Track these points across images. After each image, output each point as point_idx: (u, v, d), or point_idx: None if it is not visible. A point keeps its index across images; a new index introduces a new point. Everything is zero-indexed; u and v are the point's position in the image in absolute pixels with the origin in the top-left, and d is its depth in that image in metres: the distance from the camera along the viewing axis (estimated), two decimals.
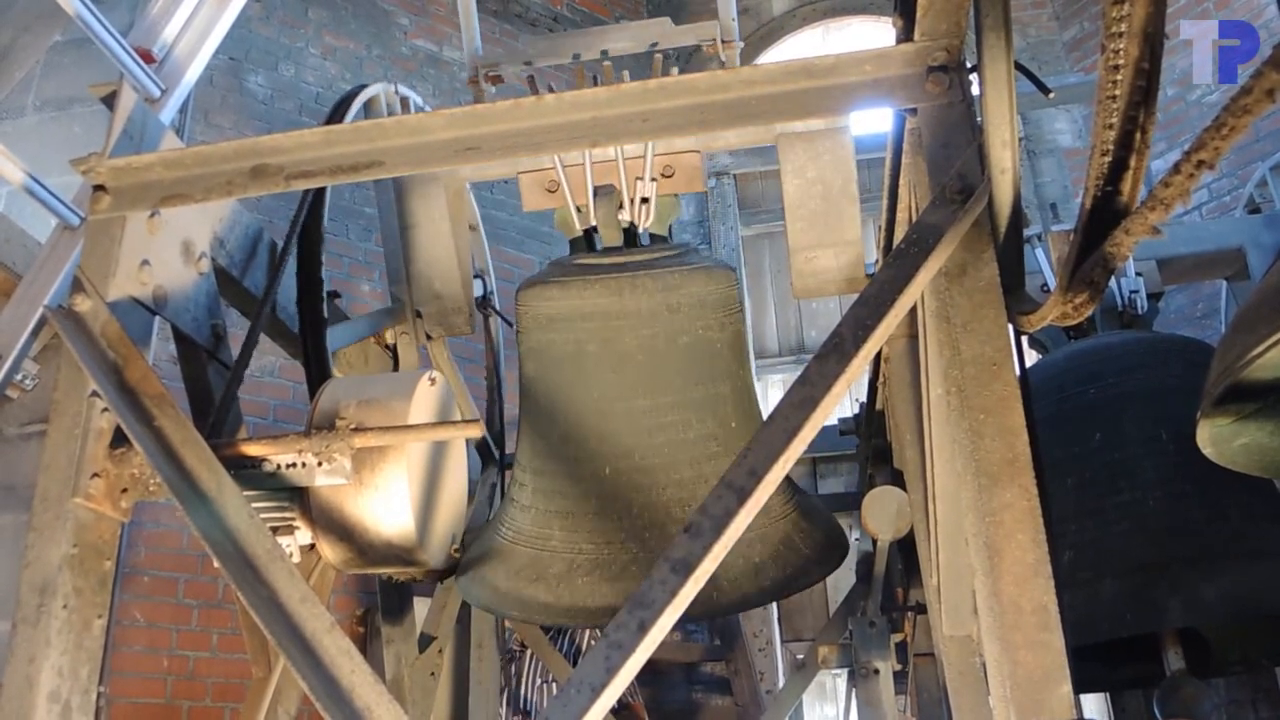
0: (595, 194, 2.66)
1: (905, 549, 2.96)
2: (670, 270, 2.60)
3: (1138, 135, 1.21)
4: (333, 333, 2.72)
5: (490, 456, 3.64)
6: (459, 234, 3.03)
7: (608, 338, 2.59)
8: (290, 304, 2.71)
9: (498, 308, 3.85)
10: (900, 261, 1.59)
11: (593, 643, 4.53)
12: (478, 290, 3.43)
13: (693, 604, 1.47)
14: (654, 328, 2.58)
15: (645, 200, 2.67)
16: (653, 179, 2.67)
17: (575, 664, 4.32)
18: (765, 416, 1.64)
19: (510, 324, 2.87)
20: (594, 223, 2.73)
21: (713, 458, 2.60)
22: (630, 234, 2.74)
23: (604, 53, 2.81)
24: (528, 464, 2.73)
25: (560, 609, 2.59)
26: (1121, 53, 1.14)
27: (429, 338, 3.14)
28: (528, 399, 2.71)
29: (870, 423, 3.22)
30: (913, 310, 2.01)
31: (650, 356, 2.59)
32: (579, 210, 2.73)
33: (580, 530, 2.64)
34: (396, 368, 3.13)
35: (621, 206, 2.68)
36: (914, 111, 1.78)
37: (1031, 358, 4.00)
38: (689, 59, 6.19)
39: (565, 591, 2.58)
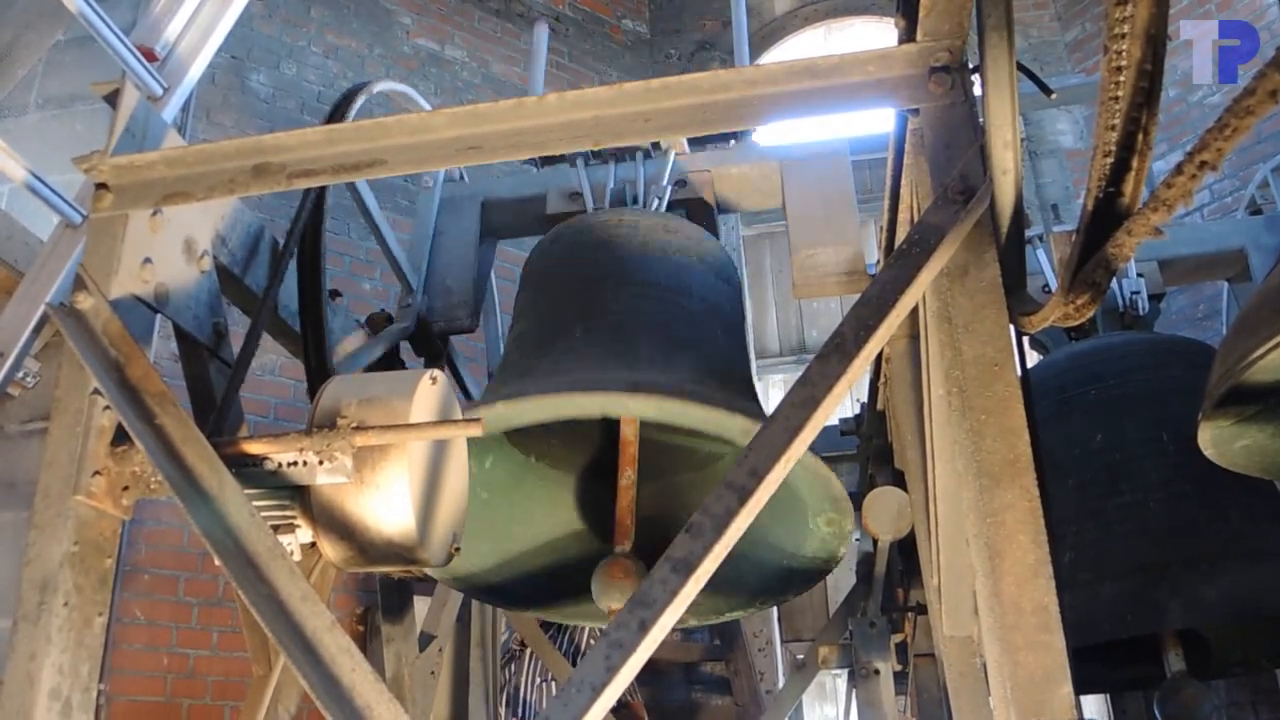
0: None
1: (906, 549, 2.96)
2: (673, 216, 2.72)
3: (1140, 136, 1.21)
4: (354, 359, 2.77)
5: None
6: (483, 245, 3.22)
7: (604, 242, 2.62)
8: (292, 302, 2.72)
9: (498, 307, 3.90)
10: (902, 262, 1.59)
11: (592, 642, 4.53)
12: None
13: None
14: (649, 237, 2.62)
15: (659, 198, 2.75)
16: (668, 184, 2.80)
17: (574, 663, 4.32)
18: (766, 417, 1.65)
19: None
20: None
21: (693, 332, 2.54)
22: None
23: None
24: (504, 360, 2.72)
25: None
26: (1124, 54, 1.14)
27: (430, 326, 3.15)
28: (518, 311, 2.73)
29: (871, 423, 3.23)
30: (914, 310, 2.01)
31: (644, 258, 2.60)
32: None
33: (543, 364, 2.58)
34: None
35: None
36: (916, 112, 1.78)
37: (1032, 359, 4.00)
38: (692, 57, 6.19)
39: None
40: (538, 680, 4.50)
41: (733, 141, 3.21)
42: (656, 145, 3.10)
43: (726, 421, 2.19)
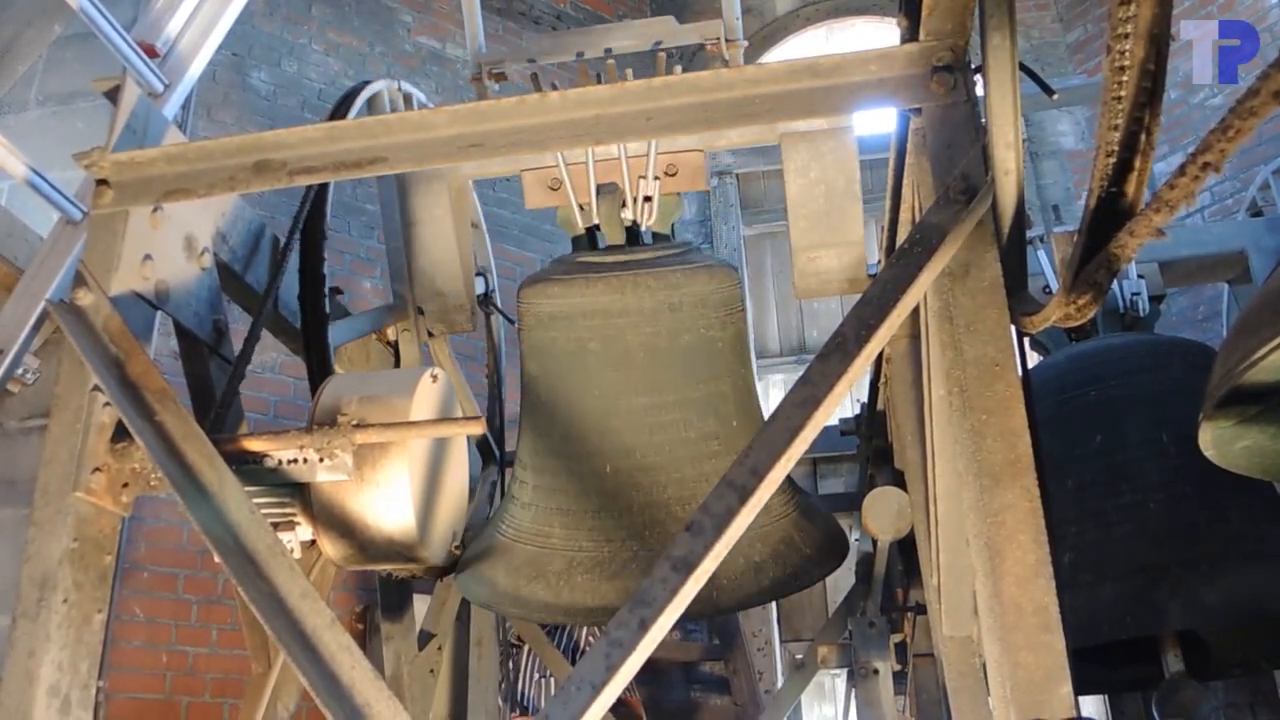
0: (598, 192, 2.66)
1: (905, 549, 2.96)
2: (672, 269, 2.60)
3: (1143, 136, 1.21)
4: (335, 329, 2.72)
5: (490, 455, 3.64)
6: (461, 231, 3.04)
7: (609, 335, 2.59)
8: (292, 300, 2.71)
9: (499, 306, 3.85)
10: (903, 261, 1.59)
11: (591, 640, 4.53)
12: (479, 288, 3.42)
13: (693, 602, 1.47)
14: (656, 326, 2.58)
15: (648, 199, 2.67)
16: (655, 177, 2.66)
17: (573, 661, 4.32)
18: (766, 416, 1.64)
19: (512, 322, 2.87)
20: (596, 221, 2.73)
21: (713, 456, 2.60)
22: (632, 232, 2.74)
23: (608, 51, 2.81)
24: (529, 461, 2.73)
25: (559, 607, 2.58)
26: (1127, 54, 1.14)
27: (430, 335, 3.14)
28: (529, 396, 2.71)
29: (871, 423, 3.22)
30: (915, 310, 2.01)
31: (651, 355, 2.59)
32: (581, 208, 2.72)
33: (580, 528, 2.64)
34: (398, 364, 3.13)
35: (624, 205, 2.68)
36: (918, 111, 1.78)
37: (1033, 359, 4.00)
38: (692, 58, 6.19)
39: (565, 589, 2.58)
40: (536, 676, 4.50)
41: None
42: None
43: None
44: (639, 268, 2.61)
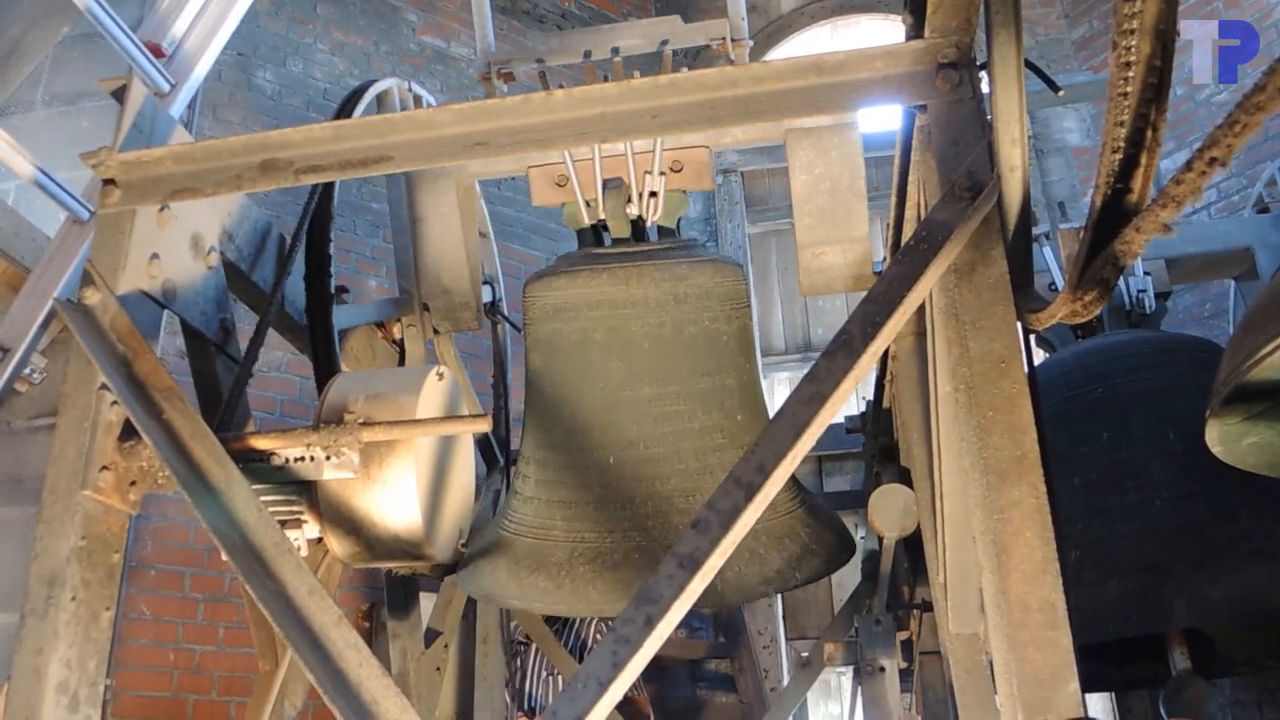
0: (604, 188, 2.66)
1: (911, 547, 2.95)
2: (678, 262, 2.61)
3: (1149, 132, 1.21)
4: (339, 314, 2.74)
5: (494, 460, 3.64)
6: (468, 229, 3.04)
7: (614, 326, 2.60)
8: (298, 299, 2.72)
9: (505, 313, 3.85)
10: (909, 258, 1.59)
11: (598, 637, 4.53)
12: (486, 296, 3.43)
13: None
14: (660, 317, 2.59)
15: (654, 194, 2.67)
16: (661, 173, 2.66)
17: (580, 658, 4.32)
18: (772, 413, 1.64)
19: (517, 328, 2.88)
20: (602, 217, 2.73)
21: (718, 449, 2.60)
22: (638, 228, 2.75)
23: (614, 50, 2.81)
24: (532, 455, 2.73)
25: (561, 596, 2.57)
26: (1133, 49, 1.14)
27: (436, 332, 3.14)
28: (533, 390, 2.71)
29: (877, 420, 3.22)
30: (921, 307, 2.01)
31: (656, 345, 2.59)
32: (588, 205, 2.73)
33: (583, 519, 2.63)
34: (403, 363, 3.13)
35: (630, 201, 2.68)
36: (924, 108, 1.78)
37: (1039, 357, 3.99)
38: (697, 56, 6.19)
39: (566, 580, 2.57)
40: (543, 674, 4.50)
41: None
42: None
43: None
44: (644, 259, 2.62)
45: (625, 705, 4.39)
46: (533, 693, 4.51)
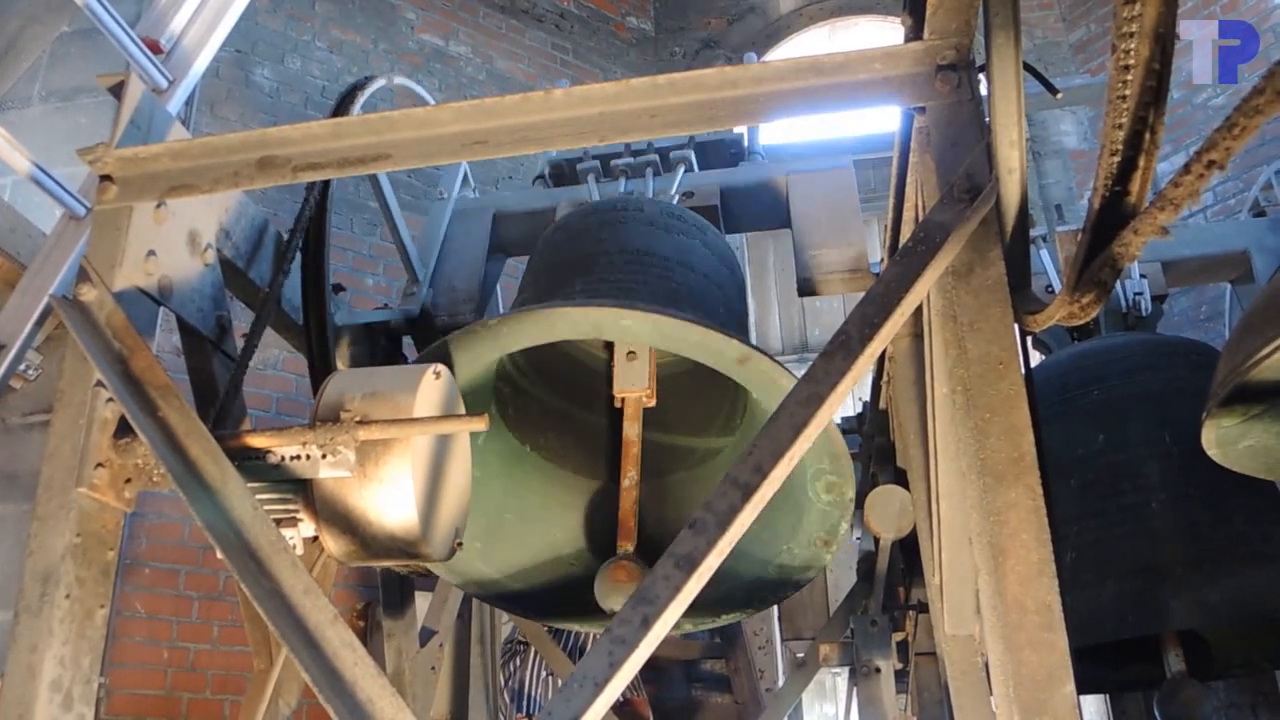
0: None
1: (907, 548, 2.96)
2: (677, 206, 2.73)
3: (1147, 135, 1.21)
4: (349, 314, 2.81)
5: None
6: (492, 255, 3.26)
7: (608, 219, 2.63)
8: (295, 296, 2.71)
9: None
10: (907, 260, 1.59)
11: (596, 638, 4.52)
12: None
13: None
14: (654, 219, 2.63)
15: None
16: (676, 195, 2.86)
17: (576, 660, 4.32)
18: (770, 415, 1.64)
19: None
20: None
21: (694, 294, 2.54)
22: None
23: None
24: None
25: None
26: (1132, 53, 1.14)
27: (434, 320, 3.16)
28: (521, 287, 2.76)
29: (874, 421, 3.22)
30: (918, 309, 2.01)
31: (649, 232, 2.61)
32: None
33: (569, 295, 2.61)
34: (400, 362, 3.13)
35: None
36: (922, 110, 1.78)
37: (1035, 359, 3.99)
38: (697, 54, 6.19)
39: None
40: (543, 674, 4.50)
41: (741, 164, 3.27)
42: (665, 159, 3.13)
43: (723, 347, 2.15)
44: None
45: (623, 707, 4.39)
46: (532, 693, 4.51)
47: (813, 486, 2.38)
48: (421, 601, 3.33)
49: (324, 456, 1.94)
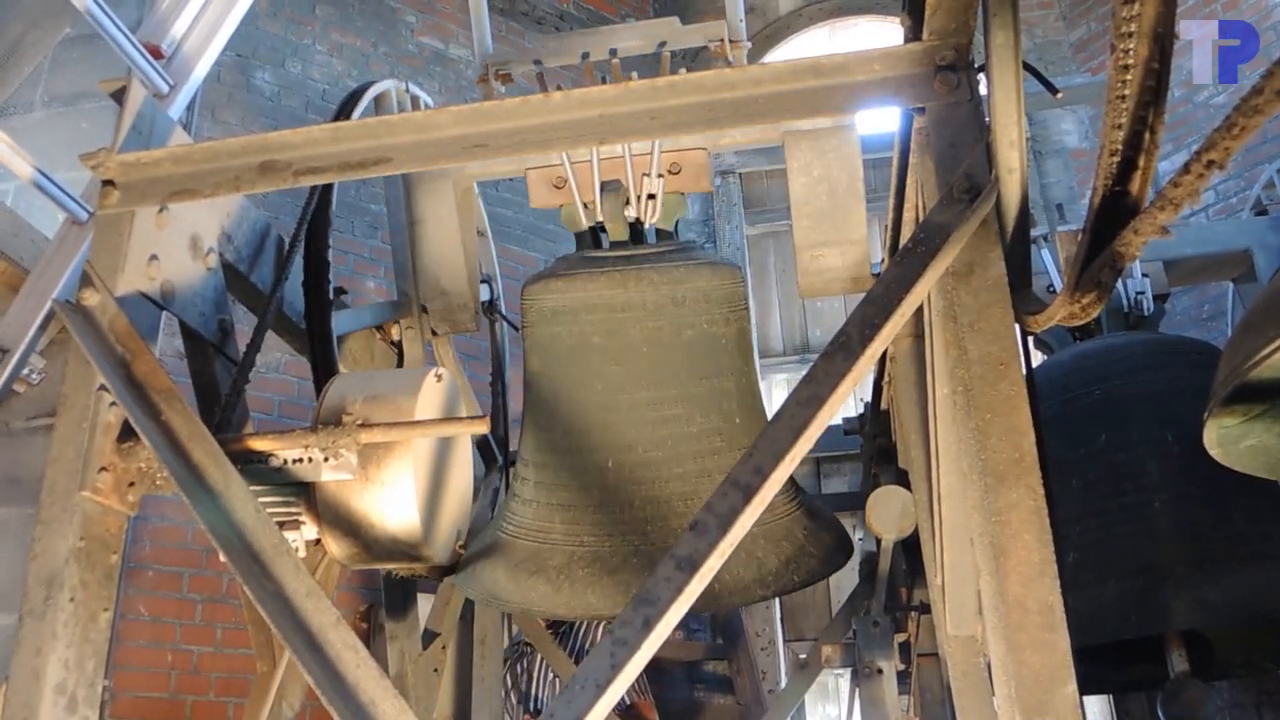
0: (602, 190, 2.66)
1: (909, 549, 2.95)
2: (676, 264, 2.61)
3: (1147, 135, 1.21)
4: (338, 318, 2.74)
5: (493, 459, 3.64)
6: (466, 231, 3.05)
7: (612, 329, 2.60)
8: (297, 300, 2.72)
9: (504, 312, 3.86)
10: (908, 260, 1.59)
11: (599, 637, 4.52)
12: (484, 295, 3.44)
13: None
14: (659, 320, 2.59)
15: (652, 196, 2.67)
16: (659, 175, 2.66)
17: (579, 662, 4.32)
18: (770, 415, 1.64)
19: (516, 328, 2.89)
20: (600, 219, 2.73)
21: (716, 452, 2.60)
22: (636, 230, 2.75)
23: (612, 51, 2.81)
24: (530, 458, 2.73)
25: (559, 600, 2.57)
26: (1131, 52, 1.14)
27: (434, 334, 3.15)
28: (531, 393, 2.71)
29: (875, 422, 3.22)
30: (919, 309, 2.01)
31: (655, 349, 2.59)
32: (585, 206, 2.73)
33: (582, 523, 2.64)
34: (401, 364, 3.13)
35: (628, 203, 2.68)
36: (922, 111, 1.78)
37: (1037, 359, 3.99)
38: (695, 58, 6.19)
39: (565, 583, 2.57)
40: (550, 676, 4.50)
41: None
42: None
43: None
44: (643, 262, 2.63)
45: (629, 710, 4.38)
46: (538, 695, 4.50)
47: None
48: (424, 604, 3.33)
49: (326, 459, 1.94)
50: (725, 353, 2.64)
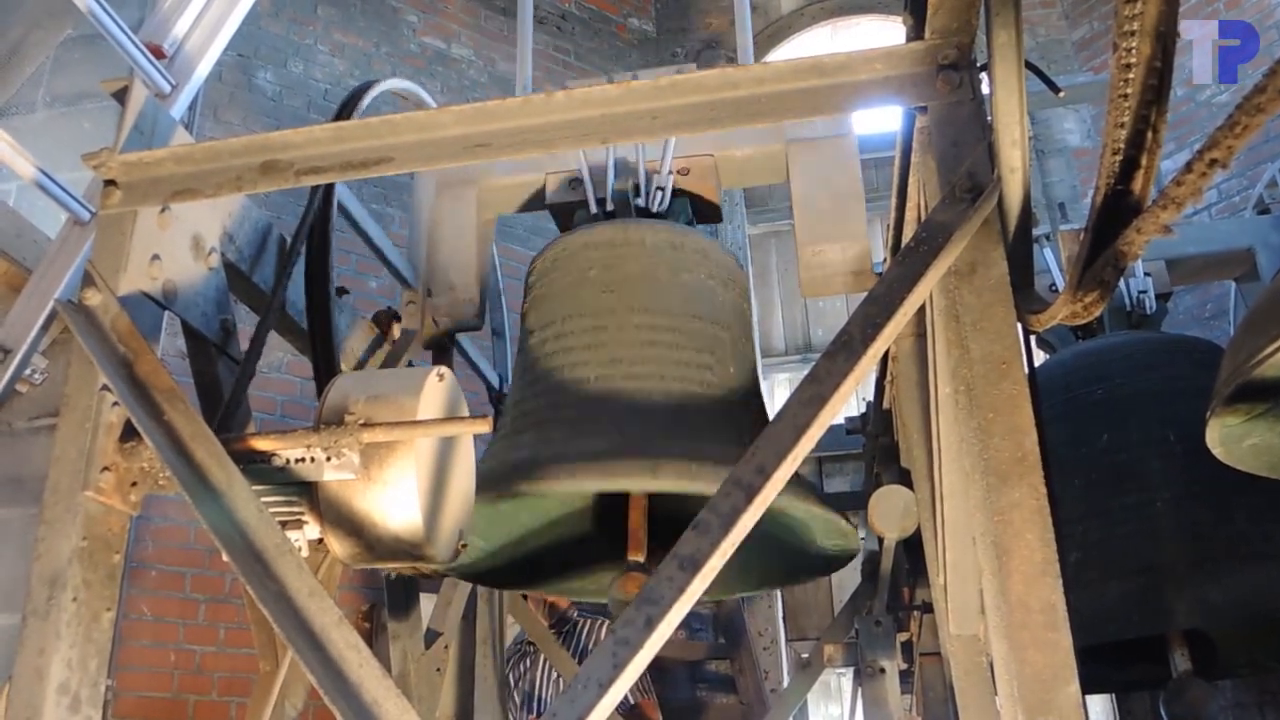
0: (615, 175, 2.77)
1: (911, 548, 2.95)
2: (678, 227, 2.70)
3: (1149, 134, 1.21)
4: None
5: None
6: (482, 230, 3.13)
7: (609, 264, 2.61)
8: (299, 300, 2.72)
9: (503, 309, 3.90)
10: (910, 259, 1.59)
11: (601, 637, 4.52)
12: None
13: None
14: (657, 259, 2.60)
15: (660, 189, 2.74)
16: (670, 172, 2.76)
17: (581, 662, 4.32)
18: (771, 416, 1.64)
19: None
20: (611, 208, 2.80)
21: (705, 385, 2.52)
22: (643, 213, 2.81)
23: None
24: (514, 397, 2.71)
25: (547, 478, 2.49)
26: (1134, 51, 1.14)
27: (435, 324, 3.15)
28: (522, 341, 2.73)
29: (877, 421, 3.22)
30: (921, 308, 2.01)
31: (651, 283, 2.58)
32: (599, 203, 2.82)
33: (554, 433, 2.55)
34: (399, 356, 3.14)
35: (638, 192, 2.77)
36: (924, 110, 1.78)
37: (1039, 358, 3.99)
38: (698, 55, 6.19)
39: (539, 475, 2.48)
40: (553, 675, 4.50)
41: None
42: None
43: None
44: (646, 218, 2.72)
45: (632, 710, 4.39)
46: (542, 694, 4.51)
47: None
48: (426, 603, 3.33)
49: (328, 459, 1.94)
50: (722, 309, 2.62)
